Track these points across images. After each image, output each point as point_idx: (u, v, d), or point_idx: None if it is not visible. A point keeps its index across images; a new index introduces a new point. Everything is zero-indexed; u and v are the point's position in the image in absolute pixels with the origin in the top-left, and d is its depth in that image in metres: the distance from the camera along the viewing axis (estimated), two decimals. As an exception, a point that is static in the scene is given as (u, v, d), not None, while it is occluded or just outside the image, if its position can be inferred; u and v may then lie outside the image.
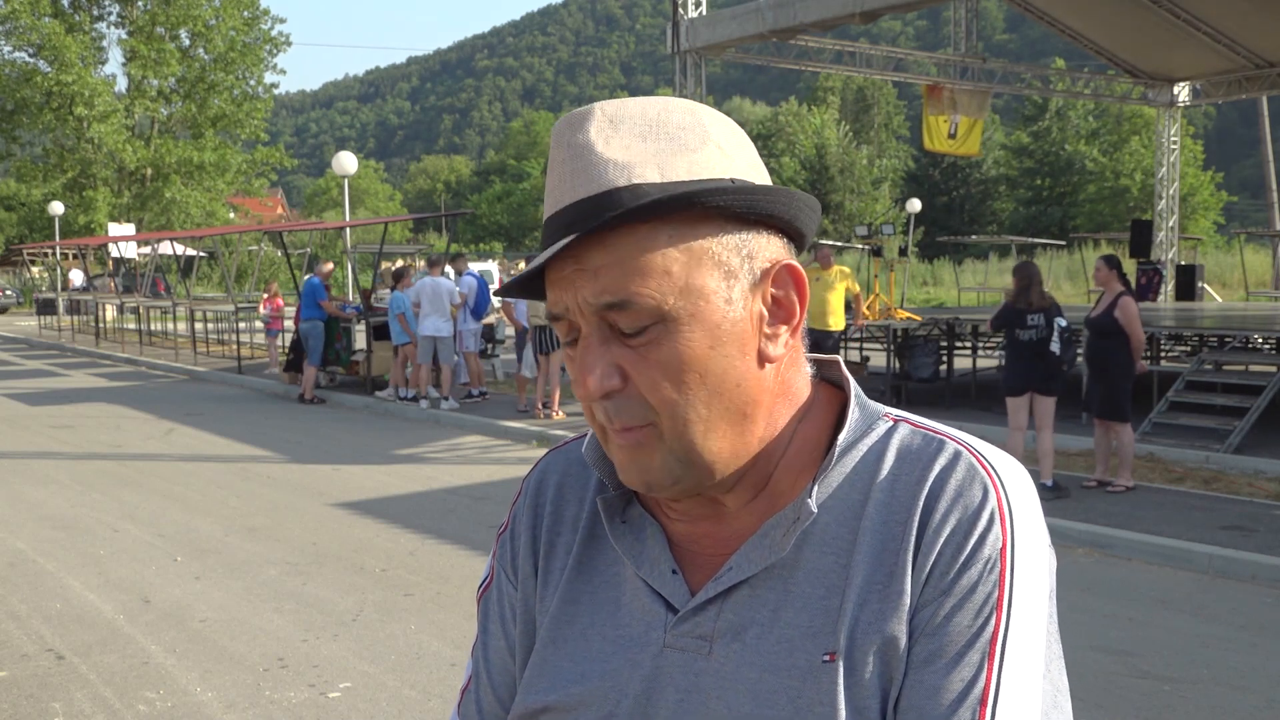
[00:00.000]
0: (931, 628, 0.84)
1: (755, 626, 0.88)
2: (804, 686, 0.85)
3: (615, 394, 0.86)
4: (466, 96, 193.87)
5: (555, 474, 1.05)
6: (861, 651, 0.84)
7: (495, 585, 1.05)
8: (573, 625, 0.96)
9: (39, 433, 11.90)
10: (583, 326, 0.86)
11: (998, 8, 65.64)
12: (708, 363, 0.85)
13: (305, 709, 4.37)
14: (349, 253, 19.68)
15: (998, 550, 0.84)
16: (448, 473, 9.44)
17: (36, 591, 5.99)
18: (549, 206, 0.88)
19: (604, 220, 0.82)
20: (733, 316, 0.86)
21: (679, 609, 0.91)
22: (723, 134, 0.89)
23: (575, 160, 0.86)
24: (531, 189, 70.23)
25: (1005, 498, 0.86)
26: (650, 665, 0.91)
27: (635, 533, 0.96)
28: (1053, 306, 7.90)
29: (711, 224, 0.85)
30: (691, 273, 0.84)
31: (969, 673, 0.82)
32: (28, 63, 41.04)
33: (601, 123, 0.87)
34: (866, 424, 0.92)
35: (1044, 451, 7.89)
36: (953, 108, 17.20)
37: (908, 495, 0.87)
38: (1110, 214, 48.94)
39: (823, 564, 0.88)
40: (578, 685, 0.93)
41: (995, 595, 0.83)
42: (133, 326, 25.50)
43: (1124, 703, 4.37)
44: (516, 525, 1.05)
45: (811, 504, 0.87)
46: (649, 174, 0.84)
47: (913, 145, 62.06)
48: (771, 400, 0.90)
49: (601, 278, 0.84)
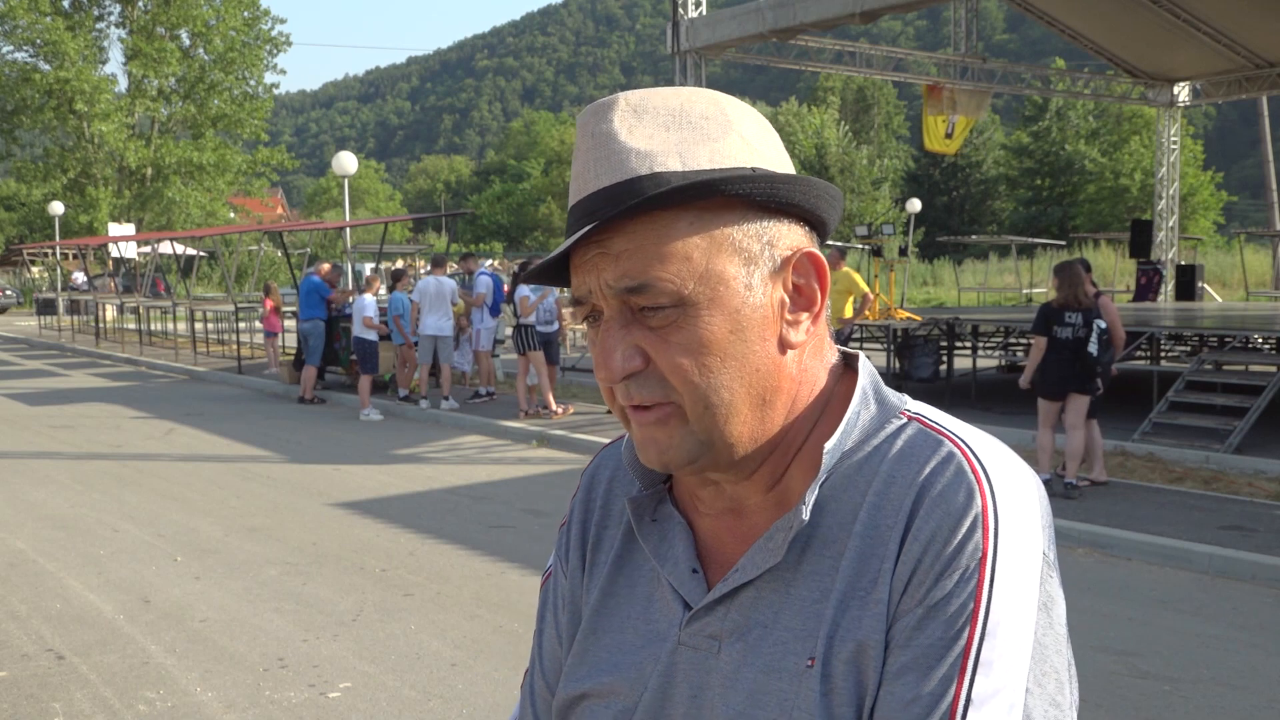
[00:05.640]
0: (904, 639, 0.83)
1: (758, 628, 0.89)
2: (790, 690, 0.86)
3: (636, 374, 0.88)
4: (466, 96, 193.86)
5: (608, 468, 1.08)
6: (837, 658, 0.84)
7: (554, 575, 1.09)
8: (612, 617, 0.99)
9: (39, 433, 11.90)
10: (605, 309, 0.88)
11: (998, 8, 65.66)
12: (727, 346, 0.87)
13: (305, 709, 4.36)
14: (349, 253, 19.68)
15: (976, 560, 0.82)
16: (448, 473, 9.44)
17: (36, 591, 5.99)
18: (573, 194, 0.90)
19: (625, 208, 0.84)
20: (752, 302, 0.87)
21: (693, 607, 0.93)
22: (746, 124, 0.90)
23: (599, 149, 0.88)
24: (531, 189, 70.23)
25: (992, 503, 0.84)
26: (667, 661, 0.93)
27: (662, 532, 0.98)
28: (1093, 307, 7.75)
29: (733, 211, 0.87)
30: (712, 258, 0.86)
31: (938, 686, 0.81)
32: (27, 62, 41.06)
33: (625, 112, 0.88)
34: (882, 420, 0.92)
35: (1072, 452, 7.78)
36: (952, 108, 17.20)
37: (899, 498, 0.86)
38: (1110, 214, 48.92)
39: (820, 567, 0.88)
40: (610, 675, 0.96)
41: (970, 607, 0.81)
42: (133, 326, 25.50)
43: (1124, 703, 4.37)
44: (571, 517, 1.09)
45: (804, 511, 0.87)
46: (670, 163, 0.86)
47: (913, 145, 62.07)
48: (792, 386, 0.91)
49: (623, 262, 0.86)
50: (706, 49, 15.03)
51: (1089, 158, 51.77)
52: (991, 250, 40.10)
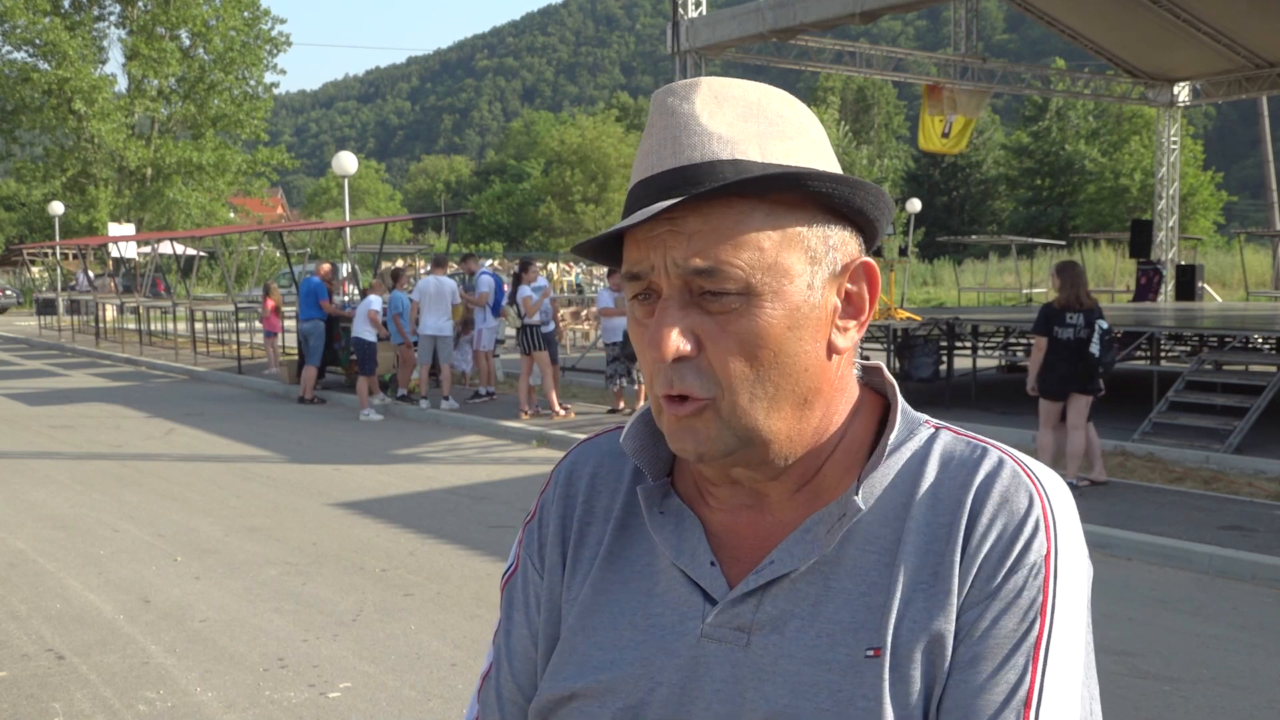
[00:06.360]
0: (977, 630, 0.85)
1: (795, 620, 0.89)
2: (844, 681, 0.86)
3: (686, 360, 0.87)
4: (466, 96, 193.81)
5: (588, 465, 1.06)
6: (907, 648, 0.86)
7: (520, 573, 1.06)
8: (602, 614, 0.97)
9: (39, 433, 11.90)
10: (664, 288, 0.87)
11: (998, 8, 65.66)
12: (783, 342, 0.87)
13: (305, 709, 4.37)
14: (349, 253, 19.68)
15: (1042, 556, 0.86)
16: (448, 473, 9.44)
17: (36, 591, 5.99)
18: (644, 169, 0.89)
19: (716, 187, 0.84)
20: (812, 301, 0.89)
21: (718, 600, 0.92)
22: (815, 129, 0.92)
23: (679, 129, 0.88)
24: (531, 189, 70.18)
25: (1050, 507, 0.88)
26: (688, 655, 0.92)
27: (674, 523, 0.98)
28: (1094, 308, 7.75)
29: (805, 210, 0.88)
30: (781, 252, 0.87)
31: (1014, 675, 0.84)
32: (27, 61, 41.06)
33: (707, 97, 0.89)
34: (909, 429, 0.94)
35: (1073, 452, 7.79)
36: (952, 107, 17.20)
37: (953, 498, 0.89)
38: (1110, 214, 48.91)
39: (865, 561, 0.89)
40: (606, 672, 0.94)
41: (1040, 600, 0.85)
42: (133, 326, 25.50)
43: (1124, 703, 4.37)
44: (545, 514, 1.06)
45: (859, 501, 0.89)
46: (751, 152, 0.87)
47: (912, 145, 62.01)
48: (831, 391, 0.92)
49: (695, 242, 0.85)
50: (706, 49, 15.03)
51: (1089, 158, 51.78)
52: (991, 250, 40.10)
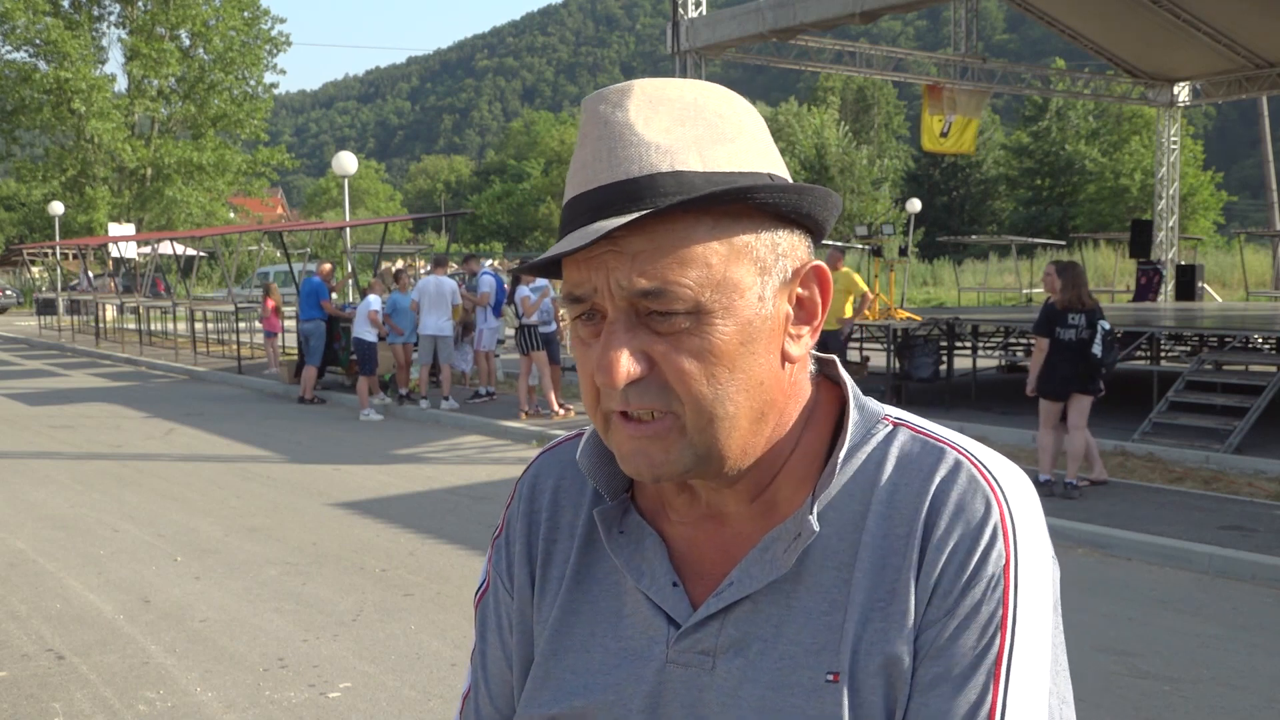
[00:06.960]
0: (936, 649, 0.82)
1: (758, 642, 0.87)
2: (808, 705, 0.84)
3: (638, 381, 0.83)
4: (466, 96, 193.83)
5: (550, 477, 1.02)
6: (865, 671, 0.83)
7: (491, 593, 1.03)
8: (573, 636, 0.94)
9: (39, 433, 11.90)
10: (608, 310, 0.83)
11: (998, 8, 65.63)
12: (736, 358, 0.83)
13: (305, 709, 4.37)
14: (349, 253, 19.67)
15: (1001, 568, 0.83)
16: (448, 473, 9.44)
17: (36, 591, 5.99)
18: (579, 183, 0.84)
19: (664, 208, 0.79)
20: (764, 314, 0.85)
21: (681, 624, 0.89)
22: (755, 125, 0.87)
23: (614, 139, 0.82)
24: (531, 189, 70.17)
25: (1008, 510, 0.85)
26: (654, 680, 0.89)
27: (634, 544, 0.94)
28: (1096, 309, 7.70)
29: (751, 220, 0.84)
30: (730, 266, 0.82)
31: (975, 694, 0.81)
32: (27, 62, 41.06)
33: (641, 102, 0.83)
34: (866, 428, 0.90)
35: (1074, 453, 7.77)
36: (952, 107, 17.21)
37: (909, 508, 0.85)
38: (1110, 214, 48.91)
39: (824, 579, 0.86)
40: (580, 698, 0.91)
41: (999, 614, 0.82)
42: (133, 326, 25.49)
43: (1124, 703, 4.37)
44: (511, 531, 1.02)
45: (813, 522, 0.85)
46: (691, 160, 0.82)
47: (912, 145, 62.02)
48: (784, 400, 0.89)
49: (639, 263, 0.81)
50: (706, 49, 15.03)
51: (1089, 158, 51.77)
52: (991, 250, 40.08)
